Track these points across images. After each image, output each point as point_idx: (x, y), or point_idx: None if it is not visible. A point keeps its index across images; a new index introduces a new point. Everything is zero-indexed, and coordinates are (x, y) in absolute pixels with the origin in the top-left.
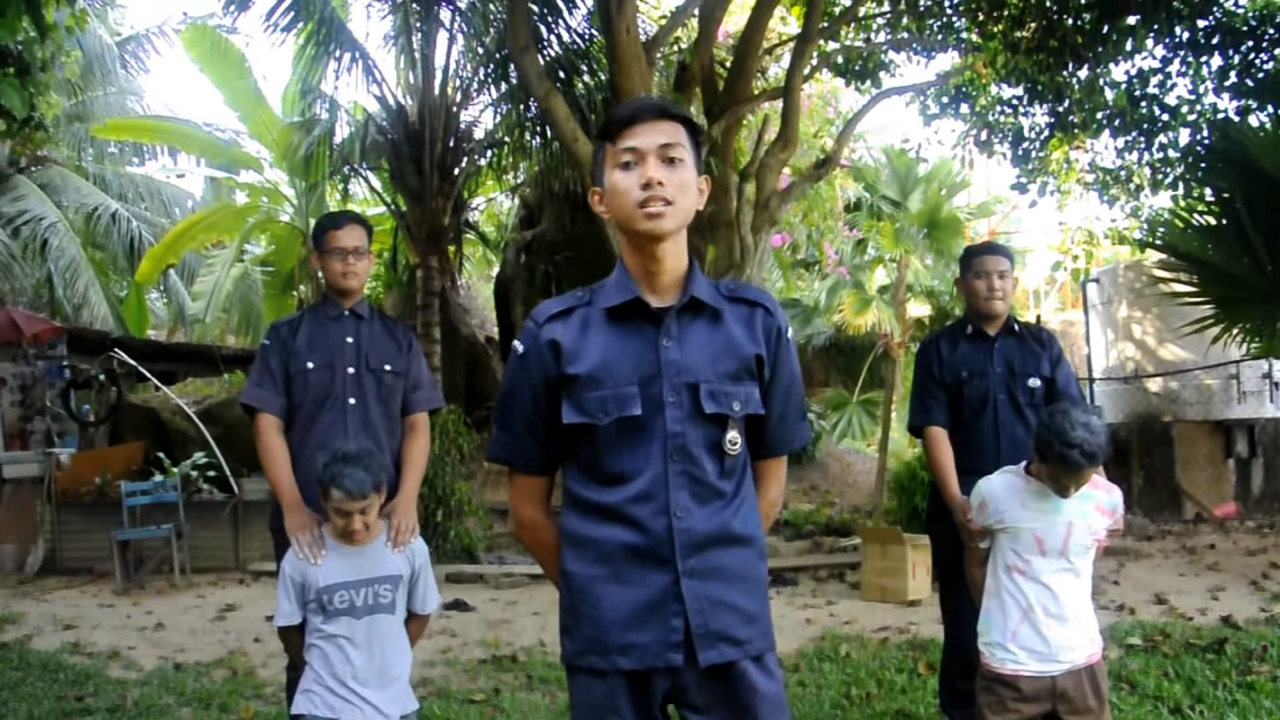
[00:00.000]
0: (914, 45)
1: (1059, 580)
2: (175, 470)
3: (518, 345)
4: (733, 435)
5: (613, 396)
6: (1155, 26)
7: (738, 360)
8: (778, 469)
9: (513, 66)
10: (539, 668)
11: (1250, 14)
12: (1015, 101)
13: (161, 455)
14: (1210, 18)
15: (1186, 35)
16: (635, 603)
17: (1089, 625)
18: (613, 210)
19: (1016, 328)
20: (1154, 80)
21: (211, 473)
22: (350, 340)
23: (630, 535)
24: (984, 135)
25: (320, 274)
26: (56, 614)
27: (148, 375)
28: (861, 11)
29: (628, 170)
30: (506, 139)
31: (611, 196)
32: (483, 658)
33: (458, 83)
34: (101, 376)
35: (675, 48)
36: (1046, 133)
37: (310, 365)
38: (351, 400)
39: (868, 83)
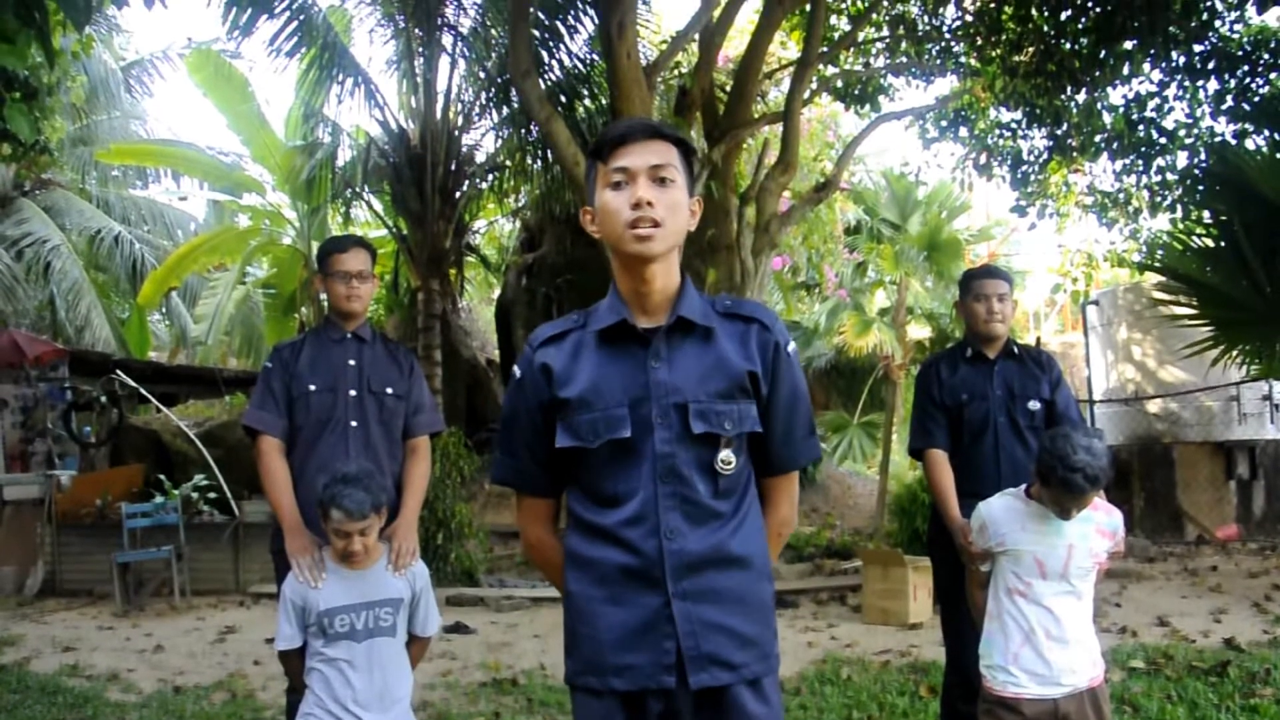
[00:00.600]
0: (913, 70)
1: (1060, 603)
2: (176, 492)
3: (516, 370)
4: (725, 455)
5: (603, 419)
6: (1152, 51)
7: (729, 379)
8: (787, 486)
9: (514, 91)
10: (539, 691)
11: (1245, 39)
12: (1014, 125)
13: (162, 477)
14: (1206, 43)
15: (1183, 60)
16: (629, 624)
17: (1091, 647)
18: (603, 230)
19: (1016, 350)
20: (1151, 104)
21: (212, 495)
22: (352, 363)
23: (624, 557)
24: (983, 158)
25: (323, 297)
26: (55, 636)
27: (149, 397)
28: (861, 36)
29: (618, 190)
30: (508, 162)
31: (602, 216)
32: (483, 680)
33: (459, 107)
34: (103, 398)
35: (676, 72)
36: (1045, 156)
37: (312, 388)
38: (353, 423)
39: (867, 107)
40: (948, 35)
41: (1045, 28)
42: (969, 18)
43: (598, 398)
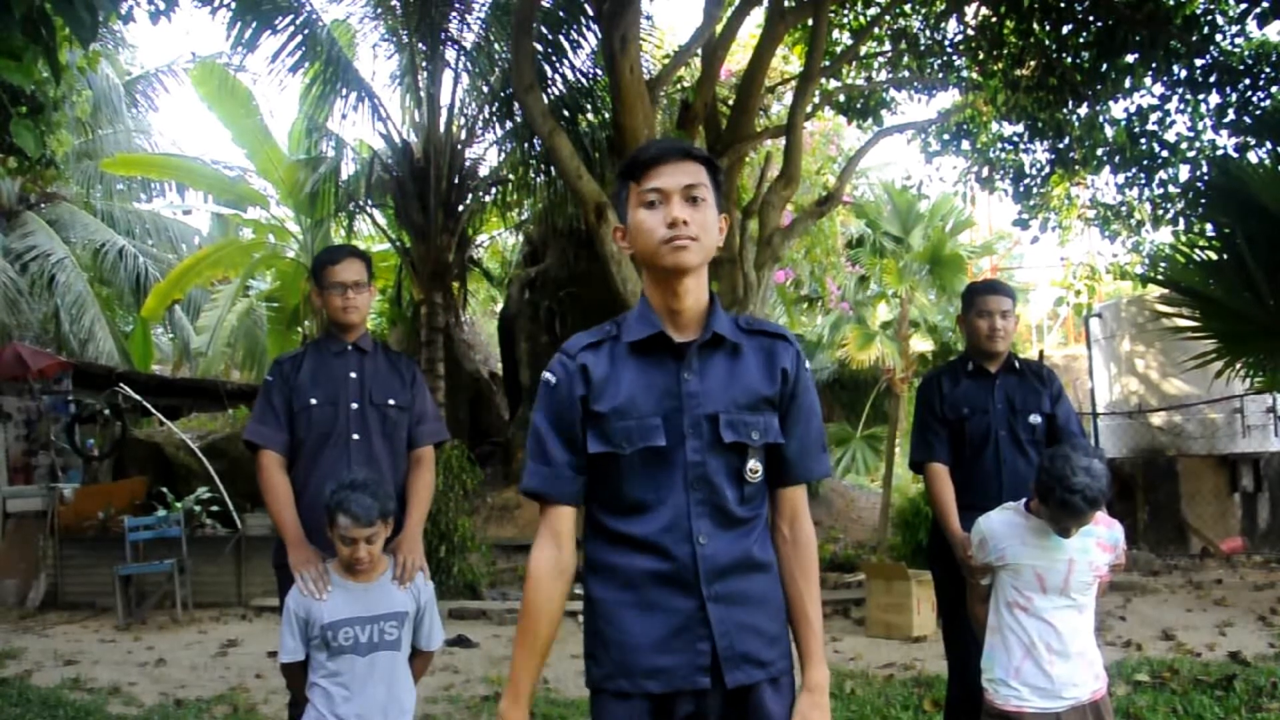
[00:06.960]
0: (915, 83)
1: (1061, 616)
2: (178, 505)
3: (550, 377)
4: (753, 464)
5: (637, 427)
6: (1153, 65)
7: (755, 392)
8: (803, 497)
9: (517, 105)
10: (542, 705)
11: (1246, 53)
12: (1016, 138)
13: (165, 490)
14: (1207, 56)
15: (1184, 73)
16: (662, 628)
17: (1093, 661)
18: (637, 247)
19: (1017, 365)
20: (1153, 117)
21: (215, 508)
22: (354, 375)
23: (655, 563)
24: (985, 172)
25: (322, 309)
26: (57, 649)
27: (152, 410)
28: (863, 50)
29: (652, 209)
30: (511, 176)
31: (635, 234)
32: (485, 694)
33: (463, 121)
34: (106, 411)
35: (678, 86)
36: (1047, 169)
37: (314, 401)
38: (355, 436)
39: (869, 120)
40: (949, 49)
41: (1047, 42)
42: (971, 32)
43: (633, 407)
